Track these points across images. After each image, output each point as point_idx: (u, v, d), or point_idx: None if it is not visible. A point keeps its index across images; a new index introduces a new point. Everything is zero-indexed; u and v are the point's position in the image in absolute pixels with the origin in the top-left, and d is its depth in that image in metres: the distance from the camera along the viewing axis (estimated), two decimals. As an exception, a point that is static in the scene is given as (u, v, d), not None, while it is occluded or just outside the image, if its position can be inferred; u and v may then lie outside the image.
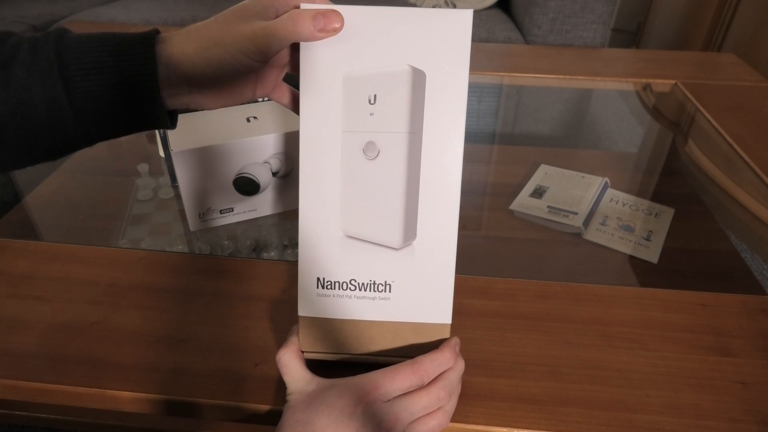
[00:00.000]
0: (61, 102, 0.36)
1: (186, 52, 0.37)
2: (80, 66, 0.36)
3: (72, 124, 0.37)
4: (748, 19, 1.65)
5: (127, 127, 0.40)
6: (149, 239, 0.65)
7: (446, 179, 0.41)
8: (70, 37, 0.37)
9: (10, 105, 0.36)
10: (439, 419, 0.39)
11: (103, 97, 0.37)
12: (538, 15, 1.53)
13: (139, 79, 0.37)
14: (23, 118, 0.36)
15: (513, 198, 0.74)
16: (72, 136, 0.38)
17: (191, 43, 0.38)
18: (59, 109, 0.37)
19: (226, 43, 0.37)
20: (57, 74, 0.36)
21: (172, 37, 0.38)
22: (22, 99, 0.36)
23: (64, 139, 0.38)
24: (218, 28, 0.37)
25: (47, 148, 0.39)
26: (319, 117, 0.40)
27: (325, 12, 0.37)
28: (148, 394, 0.44)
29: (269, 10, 0.38)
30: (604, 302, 0.54)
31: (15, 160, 0.39)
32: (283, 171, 0.66)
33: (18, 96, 0.36)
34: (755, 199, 0.74)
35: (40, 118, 0.37)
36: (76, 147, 0.40)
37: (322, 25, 0.36)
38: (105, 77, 0.37)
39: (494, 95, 1.10)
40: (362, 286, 0.42)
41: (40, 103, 0.36)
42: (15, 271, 0.56)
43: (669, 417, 0.43)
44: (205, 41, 0.37)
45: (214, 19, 0.38)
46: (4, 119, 0.36)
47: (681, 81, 1.03)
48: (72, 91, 0.36)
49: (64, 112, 0.37)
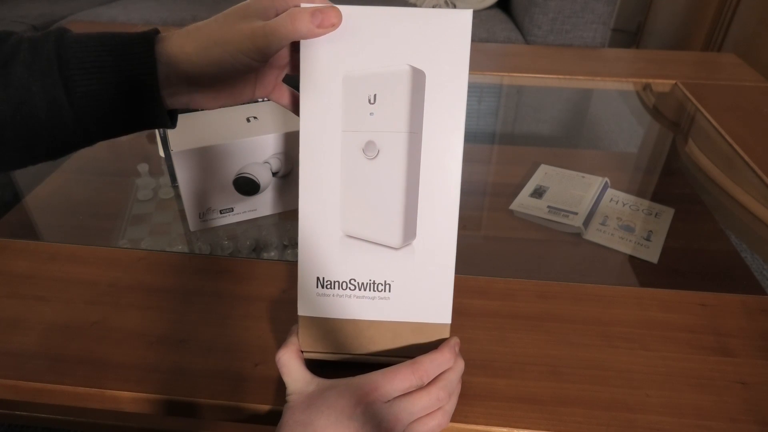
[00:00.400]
0: (61, 101, 0.36)
1: (186, 51, 0.38)
2: (80, 65, 0.36)
3: (72, 123, 0.37)
4: (748, 19, 1.65)
5: (127, 127, 0.40)
6: (149, 239, 0.65)
7: (446, 179, 0.41)
8: (70, 37, 0.37)
9: (11, 104, 0.36)
10: (438, 419, 0.39)
11: (102, 97, 0.37)
12: (538, 15, 1.53)
13: (138, 78, 0.37)
14: (23, 118, 0.36)
15: (513, 198, 0.74)
16: (72, 136, 0.38)
17: (191, 43, 0.38)
18: (59, 109, 0.37)
19: (225, 43, 0.37)
20: (57, 74, 0.36)
21: (172, 37, 0.38)
22: (22, 98, 0.36)
23: (64, 139, 0.38)
24: (218, 27, 0.38)
25: (48, 147, 0.39)
26: (319, 117, 0.40)
27: (323, 8, 0.37)
28: (148, 394, 0.44)
29: (269, 9, 0.38)
30: (604, 302, 0.53)
31: (16, 160, 0.39)
32: (283, 171, 0.66)
33: (18, 95, 0.36)
34: (755, 199, 0.74)
35: (40, 118, 0.37)
36: (77, 146, 0.40)
37: (320, 20, 0.37)
38: (105, 77, 0.37)
39: (494, 95, 1.10)
40: (362, 286, 0.42)
41: (40, 102, 0.36)
42: (15, 271, 0.56)
43: (669, 417, 0.43)
44: (205, 41, 0.37)
45: (214, 18, 0.38)
46: (5, 119, 0.36)
47: (681, 81, 1.03)
48: (72, 91, 0.36)
49: (64, 112, 0.37)
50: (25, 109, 0.36)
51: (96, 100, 0.37)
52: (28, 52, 0.37)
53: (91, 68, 0.37)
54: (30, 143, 0.38)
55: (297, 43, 0.39)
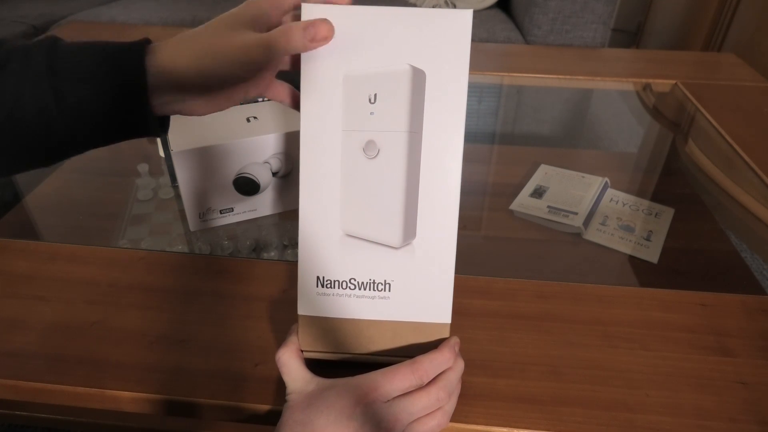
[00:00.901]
0: (50, 111, 0.36)
1: (177, 62, 0.38)
2: (70, 76, 0.37)
3: (62, 131, 0.38)
4: (748, 19, 1.65)
5: (117, 135, 0.40)
6: (149, 239, 0.65)
7: (446, 178, 0.41)
8: (61, 46, 0.38)
9: (1, 113, 0.36)
10: (438, 419, 0.39)
11: (92, 107, 0.37)
12: (538, 15, 1.53)
13: (128, 89, 0.37)
14: (13, 126, 0.37)
15: (513, 198, 0.74)
16: (62, 144, 0.39)
17: (183, 53, 0.38)
18: (49, 118, 0.37)
19: (218, 54, 0.37)
20: (47, 83, 0.36)
21: (163, 47, 0.38)
22: (13, 107, 0.36)
23: (54, 147, 0.39)
24: (209, 38, 0.38)
25: (38, 154, 0.39)
26: (320, 116, 0.40)
27: (315, 22, 0.37)
28: (148, 394, 0.44)
29: (260, 18, 0.38)
30: (604, 302, 0.53)
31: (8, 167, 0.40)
32: (283, 171, 0.66)
33: (9, 104, 0.36)
34: (755, 199, 0.74)
35: (31, 125, 0.37)
36: (67, 154, 0.40)
37: (313, 35, 0.37)
38: (94, 88, 0.37)
39: (494, 95, 1.10)
40: (362, 285, 0.42)
41: (30, 110, 0.36)
42: (15, 271, 0.56)
43: (669, 417, 0.43)
44: (198, 51, 0.37)
45: (205, 27, 0.38)
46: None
47: (681, 81, 1.03)
48: (61, 100, 0.37)
49: (53, 121, 0.37)
50: (16, 117, 0.36)
51: (85, 110, 0.37)
52: (19, 61, 0.37)
53: (80, 79, 0.37)
54: (21, 150, 0.38)
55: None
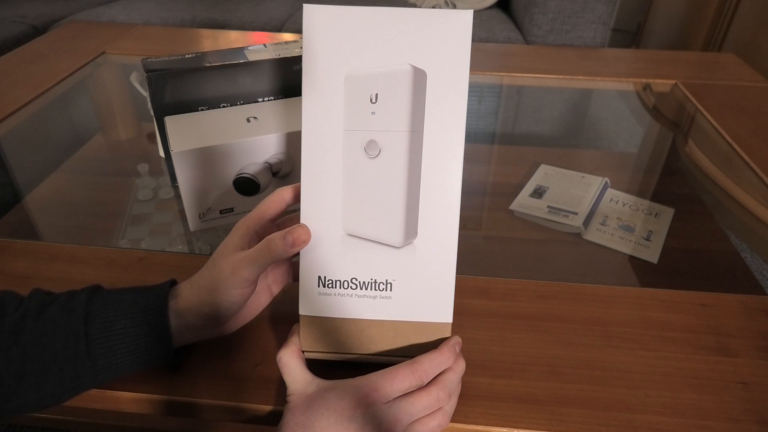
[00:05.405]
0: (79, 349, 0.40)
1: (189, 306, 0.42)
2: (101, 334, 0.40)
3: (87, 375, 0.40)
4: (748, 19, 1.65)
5: (135, 370, 0.43)
6: (149, 239, 0.65)
7: (447, 178, 0.41)
8: (99, 298, 0.41)
9: (35, 334, 0.39)
10: (438, 420, 0.39)
11: (121, 362, 0.41)
12: (538, 15, 1.53)
13: (153, 343, 0.41)
14: (41, 361, 0.39)
15: (513, 198, 0.74)
16: (83, 384, 0.41)
17: (193, 295, 0.42)
18: (75, 354, 0.40)
19: (216, 286, 0.40)
20: (82, 330, 0.40)
21: (182, 291, 0.42)
22: (47, 330, 0.40)
23: (74, 375, 0.40)
24: (209, 273, 0.41)
25: (55, 384, 0.40)
26: (321, 116, 0.40)
27: (293, 230, 0.40)
28: (148, 394, 0.44)
29: (246, 237, 0.42)
30: (604, 302, 0.54)
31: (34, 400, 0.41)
32: (283, 171, 0.66)
33: (44, 328, 0.40)
34: (755, 199, 0.74)
35: (56, 349, 0.39)
36: (85, 387, 0.42)
37: (292, 242, 0.40)
38: (125, 346, 0.41)
39: (494, 95, 1.10)
40: (363, 285, 0.42)
41: (60, 341, 0.39)
42: (15, 271, 0.56)
43: (669, 417, 0.43)
44: (201, 291, 0.41)
45: (206, 266, 0.42)
46: (25, 348, 0.39)
47: (681, 81, 1.03)
48: (92, 351, 0.40)
49: (79, 360, 0.40)
50: (45, 340, 0.39)
51: (115, 365, 0.41)
52: (61, 306, 0.41)
53: (111, 336, 0.40)
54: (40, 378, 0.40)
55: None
